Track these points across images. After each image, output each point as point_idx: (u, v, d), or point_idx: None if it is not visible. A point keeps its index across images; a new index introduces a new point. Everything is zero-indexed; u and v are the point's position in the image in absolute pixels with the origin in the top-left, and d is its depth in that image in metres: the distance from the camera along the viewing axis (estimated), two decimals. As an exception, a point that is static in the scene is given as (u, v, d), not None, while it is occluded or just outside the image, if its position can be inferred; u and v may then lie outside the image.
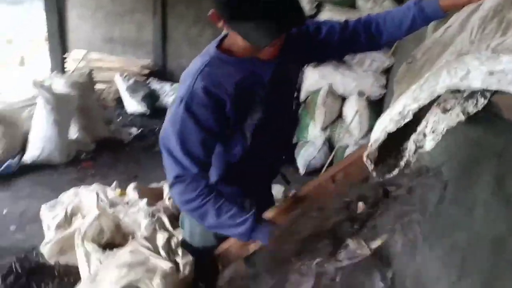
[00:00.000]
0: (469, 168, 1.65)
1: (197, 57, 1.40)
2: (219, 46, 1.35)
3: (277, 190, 3.21)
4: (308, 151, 4.03)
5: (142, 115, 5.50)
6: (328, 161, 4.00)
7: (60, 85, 4.14)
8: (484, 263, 1.34)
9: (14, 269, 2.29)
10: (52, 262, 2.32)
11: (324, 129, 4.11)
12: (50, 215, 2.61)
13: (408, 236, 2.34)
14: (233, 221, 1.33)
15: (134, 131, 4.86)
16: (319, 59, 1.60)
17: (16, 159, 3.72)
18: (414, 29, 1.42)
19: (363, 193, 1.38)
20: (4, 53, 7.23)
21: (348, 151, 3.97)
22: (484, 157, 1.50)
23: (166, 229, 2.45)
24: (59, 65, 4.50)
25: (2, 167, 3.59)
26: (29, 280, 2.14)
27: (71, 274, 2.06)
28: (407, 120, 1.10)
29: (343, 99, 4.16)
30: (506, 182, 1.29)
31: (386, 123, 1.15)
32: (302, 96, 4.28)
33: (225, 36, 1.36)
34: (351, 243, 2.87)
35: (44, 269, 2.17)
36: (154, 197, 2.98)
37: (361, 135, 3.98)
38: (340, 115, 4.19)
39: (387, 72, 3.99)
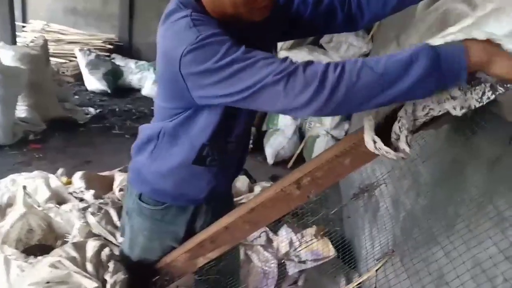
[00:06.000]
0: (454, 176, 1.44)
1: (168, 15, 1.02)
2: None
3: (242, 182, 2.99)
4: (277, 140, 3.82)
5: (102, 93, 5.13)
6: (298, 151, 3.80)
7: (8, 57, 3.77)
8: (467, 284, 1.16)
9: None
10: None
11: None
12: (-17, 205, 2.30)
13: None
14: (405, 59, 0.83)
15: (92, 111, 4.50)
16: (290, 36, 1.31)
17: (-46, 138, 3.35)
18: (401, 8, 1.18)
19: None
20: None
21: (318, 142, 3.76)
22: (474, 165, 1.29)
23: (114, 226, 2.18)
24: (8, 36, 4.06)
25: None
26: None
27: None
28: None
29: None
30: (495, 198, 1.09)
31: None
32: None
33: None
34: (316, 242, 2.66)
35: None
36: (104, 186, 2.70)
37: (333, 124, 3.77)
38: (312, 103, 3.97)
39: (364, 59, 3.79)
